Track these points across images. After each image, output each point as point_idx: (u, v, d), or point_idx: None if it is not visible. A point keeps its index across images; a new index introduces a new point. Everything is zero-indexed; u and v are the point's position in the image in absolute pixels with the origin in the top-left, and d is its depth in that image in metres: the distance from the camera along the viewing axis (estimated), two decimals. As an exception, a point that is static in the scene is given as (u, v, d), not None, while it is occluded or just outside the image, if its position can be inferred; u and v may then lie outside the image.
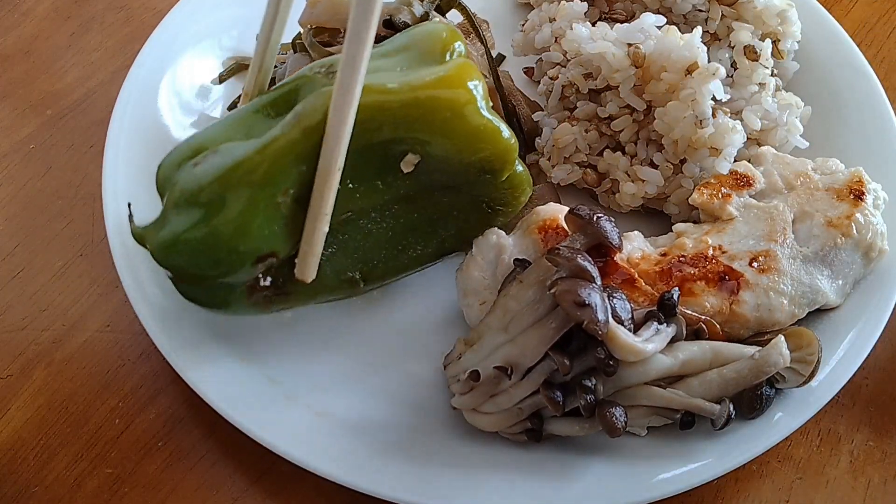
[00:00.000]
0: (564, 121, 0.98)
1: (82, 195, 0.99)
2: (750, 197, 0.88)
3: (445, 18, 0.99)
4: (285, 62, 0.97)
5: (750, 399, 0.78)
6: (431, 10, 0.96)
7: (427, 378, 0.85)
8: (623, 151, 0.95)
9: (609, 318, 0.71)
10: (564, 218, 0.82)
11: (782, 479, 0.84)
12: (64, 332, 0.90)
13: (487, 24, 1.09)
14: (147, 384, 0.87)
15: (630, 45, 0.92)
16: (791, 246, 0.84)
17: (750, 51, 0.96)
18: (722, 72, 0.88)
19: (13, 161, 1.02)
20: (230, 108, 1.00)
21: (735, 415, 0.77)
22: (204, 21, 1.05)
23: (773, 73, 1.00)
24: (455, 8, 1.00)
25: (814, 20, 1.08)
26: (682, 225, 0.90)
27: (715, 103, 0.90)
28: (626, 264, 0.82)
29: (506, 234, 0.85)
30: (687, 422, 0.77)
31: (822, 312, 0.86)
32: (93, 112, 1.06)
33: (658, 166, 0.94)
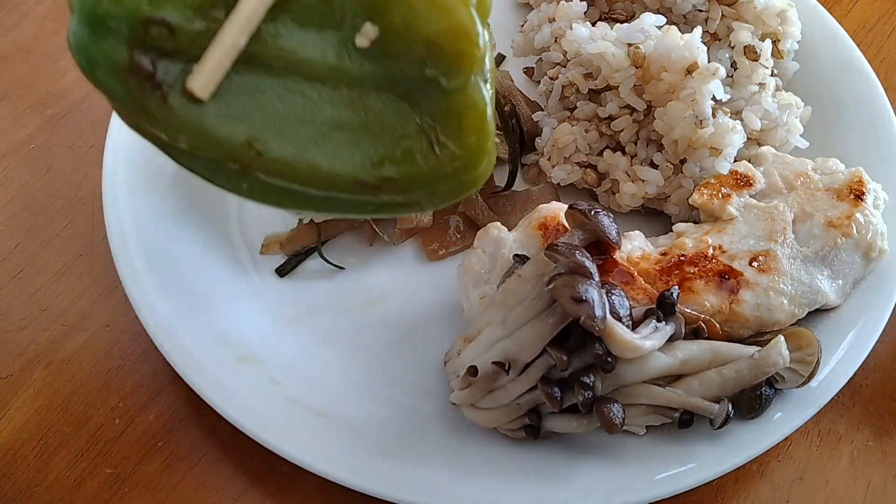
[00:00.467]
0: (564, 121, 0.98)
1: (82, 195, 1.00)
2: (750, 197, 0.89)
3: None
4: None
5: (749, 399, 0.78)
6: None
7: (427, 378, 0.85)
8: (623, 151, 0.95)
9: (607, 315, 0.71)
10: (564, 214, 0.82)
11: (782, 479, 0.84)
12: (64, 333, 0.90)
13: (488, 25, 1.09)
14: (147, 384, 0.87)
15: (630, 45, 0.92)
16: (791, 246, 0.84)
17: (750, 51, 0.96)
18: (722, 72, 0.89)
19: (13, 161, 1.03)
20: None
21: (734, 415, 0.77)
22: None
23: (773, 73, 1.00)
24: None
25: (814, 20, 1.08)
26: (682, 225, 0.90)
27: (715, 103, 0.90)
28: (626, 263, 0.82)
29: (507, 230, 0.86)
30: (685, 420, 0.77)
31: (822, 312, 0.86)
32: (93, 112, 1.06)
33: (658, 166, 0.94)
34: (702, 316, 0.80)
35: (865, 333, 0.84)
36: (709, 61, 0.91)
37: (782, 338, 0.78)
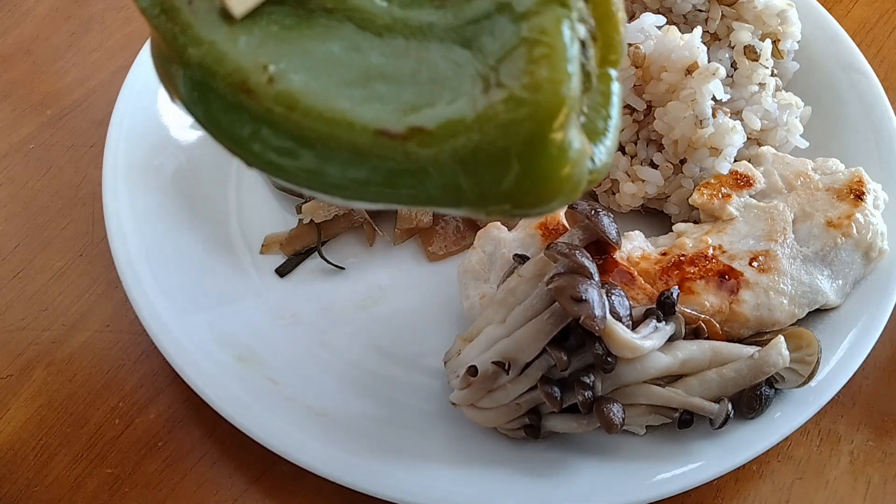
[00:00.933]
0: (564, 121, 0.97)
1: (82, 195, 1.00)
2: (750, 197, 0.88)
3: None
4: None
5: (749, 399, 0.78)
6: None
7: (427, 378, 0.85)
8: (623, 151, 0.95)
9: (607, 315, 0.71)
10: (564, 214, 0.82)
11: (782, 480, 0.84)
12: (64, 332, 0.90)
13: None
14: (147, 384, 0.87)
15: (630, 45, 0.91)
16: (791, 246, 0.84)
17: (750, 51, 0.96)
18: (722, 72, 0.88)
19: (13, 161, 1.03)
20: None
21: (734, 415, 0.77)
22: (204, 21, 1.05)
23: (773, 73, 1.00)
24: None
25: (814, 20, 1.07)
26: (683, 225, 0.90)
27: (715, 103, 0.90)
28: (626, 263, 0.82)
29: (507, 230, 0.86)
30: (685, 420, 0.77)
31: (822, 312, 0.86)
32: (93, 112, 1.06)
33: (658, 166, 0.93)
34: (702, 316, 0.80)
35: (865, 333, 0.84)
36: (709, 61, 0.91)
37: (782, 338, 0.78)
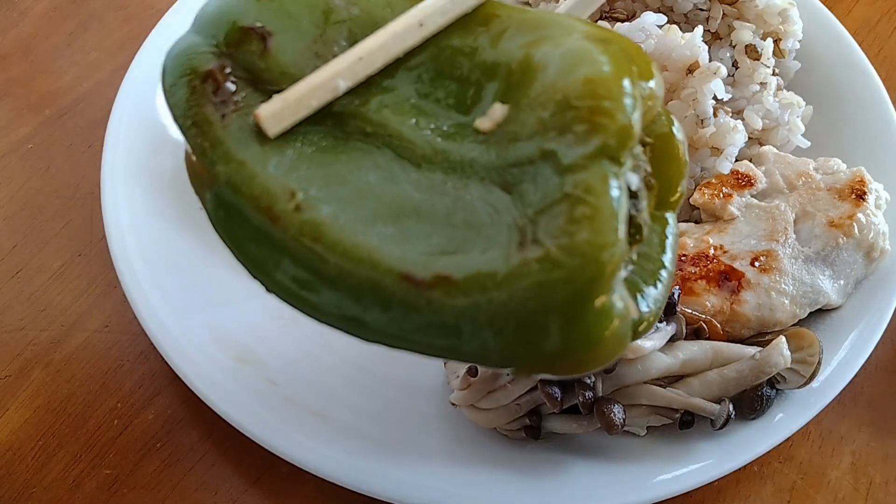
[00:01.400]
0: (565, 120, 0.97)
1: (81, 195, 0.99)
2: (751, 197, 0.88)
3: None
4: None
5: (750, 399, 0.78)
6: None
7: (427, 378, 0.85)
8: (624, 151, 0.95)
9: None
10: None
11: (784, 480, 0.84)
12: (62, 333, 0.89)
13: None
14: (146, 384, 0.86)
15: (630, 45, 0.91)
16: (792, 246, 0.84)
17: (751, 50, 0.96)
18: (723, 71, 0.88)
19: (11, 161, 1.02)
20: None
21: (735, 415, 0.77)
22: (203, 20, 1.05)
23: (775, 73, 1.00)
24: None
25: (815, 19, 1.07)
26: (683, 225, 0.90)
27: (716, 103, 0.90)
28: (627, 264, 0.82)
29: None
30: (686, 421, 0.77)
31: (824, 313, 0.85)
32: (91, 112, 1.06)
33: (659, 166, 0.93)
34: (703, 316, 0.80)
35: (867, 334, 0.84)
36: (710, 60, 0.90)
37: (783, 338, 0.77)
